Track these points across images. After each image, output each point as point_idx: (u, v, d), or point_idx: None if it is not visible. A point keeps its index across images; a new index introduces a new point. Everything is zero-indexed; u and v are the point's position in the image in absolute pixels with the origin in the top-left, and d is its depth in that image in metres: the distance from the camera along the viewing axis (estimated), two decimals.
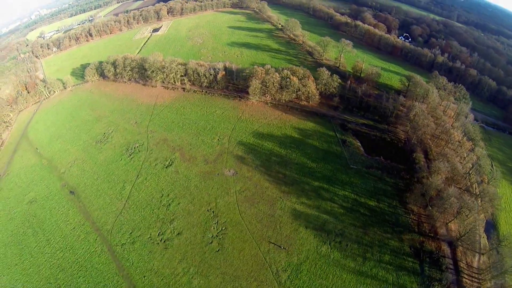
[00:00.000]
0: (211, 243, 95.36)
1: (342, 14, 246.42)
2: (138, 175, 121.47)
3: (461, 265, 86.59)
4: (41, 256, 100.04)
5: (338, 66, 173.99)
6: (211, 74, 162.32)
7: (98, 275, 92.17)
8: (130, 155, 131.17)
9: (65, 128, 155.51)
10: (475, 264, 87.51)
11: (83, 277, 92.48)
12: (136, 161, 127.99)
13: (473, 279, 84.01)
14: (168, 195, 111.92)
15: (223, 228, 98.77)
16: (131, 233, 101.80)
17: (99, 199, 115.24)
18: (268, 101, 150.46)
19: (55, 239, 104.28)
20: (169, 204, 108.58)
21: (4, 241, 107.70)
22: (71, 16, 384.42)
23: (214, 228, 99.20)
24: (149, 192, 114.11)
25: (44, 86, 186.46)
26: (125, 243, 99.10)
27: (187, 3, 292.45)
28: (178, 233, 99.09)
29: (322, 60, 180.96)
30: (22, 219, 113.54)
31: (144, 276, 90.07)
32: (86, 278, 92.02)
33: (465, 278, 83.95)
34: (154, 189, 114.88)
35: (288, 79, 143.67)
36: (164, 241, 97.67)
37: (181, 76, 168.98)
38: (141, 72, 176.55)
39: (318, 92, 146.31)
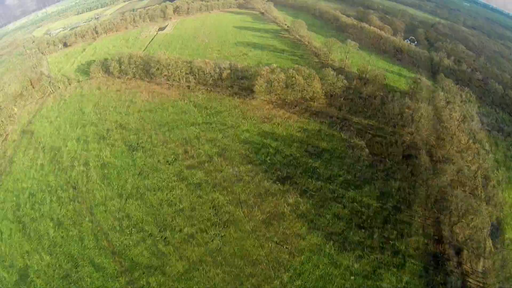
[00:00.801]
0: (212, 241, 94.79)
1: (348, 16, 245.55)
2: (140, 172, 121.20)
3: (466, 269, 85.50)
4: (41, 252, 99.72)
5: (343, 67, 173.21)
6: (216, 73, 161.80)
7: (97, 272, 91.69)
8: (133, 151, 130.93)
9: (68, 123, 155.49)
10: (479, 268, 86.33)
11: (81, 272, 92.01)
12: (139, 157, 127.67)
13: (478, 283, 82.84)
14: (170, 192, 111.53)
15: (225, 227, 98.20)
16: (131, 229, 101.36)
17: (101, 194, 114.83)
18: (273, 100, 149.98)
19: (55, 235, 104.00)
20: (171, 202, 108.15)
21: (4, 236, 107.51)
22: (77, 14, 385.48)
23: (215, 226, 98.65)
24: (151, 189, 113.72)
25: (49, 82, 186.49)
26: (125, 240, 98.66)
27: (193, 2, 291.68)
28: (179, 231, 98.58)
29: (328, 61, 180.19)
30: (23, 213, 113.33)
31: (143, 273, 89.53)
32: (85, 274, 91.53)
33: (469, 282, 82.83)
34: (156, 186, 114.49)
35: (293, 79, 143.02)
36: (164, 239, 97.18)
37: (186, 74, 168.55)
38: (146, 70, 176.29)
39: (323, 92, 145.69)
